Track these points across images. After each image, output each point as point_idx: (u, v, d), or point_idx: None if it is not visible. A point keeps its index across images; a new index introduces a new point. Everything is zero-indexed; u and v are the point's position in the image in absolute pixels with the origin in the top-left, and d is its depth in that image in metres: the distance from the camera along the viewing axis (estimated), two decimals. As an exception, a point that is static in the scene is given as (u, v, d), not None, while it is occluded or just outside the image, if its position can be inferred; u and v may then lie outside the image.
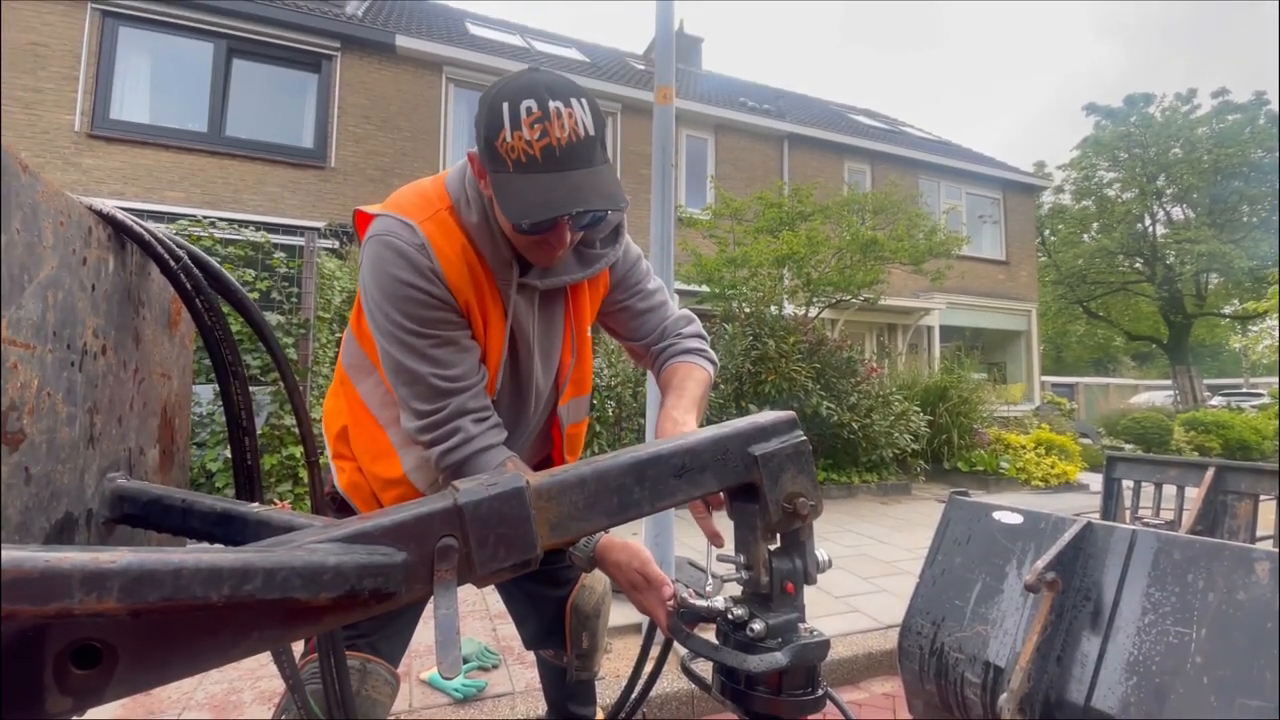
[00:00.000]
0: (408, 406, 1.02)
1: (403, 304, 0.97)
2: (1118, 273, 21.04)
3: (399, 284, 0.97)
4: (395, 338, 0.99)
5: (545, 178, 0.87)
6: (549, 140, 0.86)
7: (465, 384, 1.02)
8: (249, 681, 2.31)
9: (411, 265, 0.97)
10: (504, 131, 0.86)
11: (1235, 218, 18.55)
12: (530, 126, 0.85)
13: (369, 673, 1.07)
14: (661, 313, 1.25)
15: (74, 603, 0.40)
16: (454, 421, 1.00)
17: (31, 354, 0.53)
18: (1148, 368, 32.67)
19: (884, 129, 15.40)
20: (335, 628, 0.82)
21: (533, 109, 0.86)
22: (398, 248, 0.97)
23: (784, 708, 0.76)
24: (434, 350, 0.99)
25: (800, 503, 0.76)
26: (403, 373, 1.00)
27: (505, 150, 0.87)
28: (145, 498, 0.70)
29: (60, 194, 0.58)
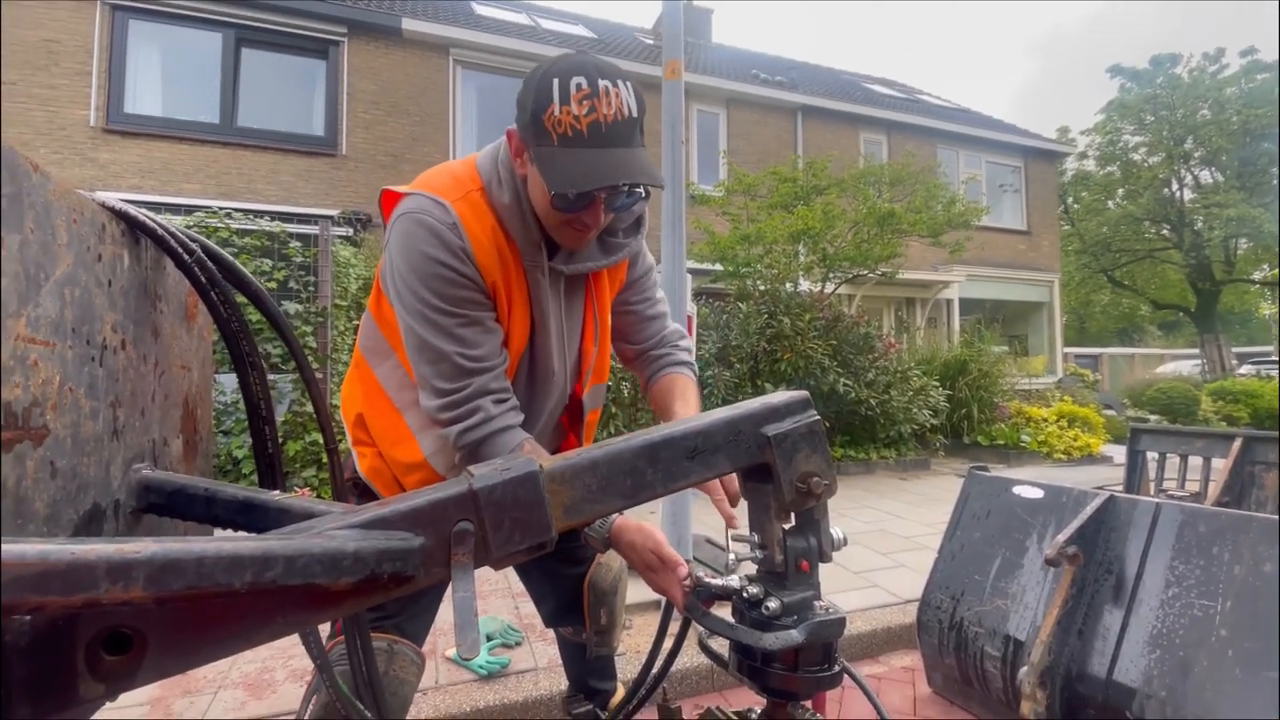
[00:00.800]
0: (429, 385, 1.02)
1: (432, 281, 0.98)
2: (1144, 240, 20.51)
3: (430, 261, 0.97)
4: (422, 315, 0.99)
5: (590, 152, 0.89)
6: (596, 116, 0.88)
7: (488, 365, 1.02)
8: (281, 660, 2.38)
9: (443, 243, 0.98)
10: (553, 106, 0.89)
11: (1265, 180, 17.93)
12: (579, 102, 0.88)
13: (396, 653, 1.10)
14: (663, 322, 1.31)
15: (101, 593, 0.41)
16: (475, 401, 1.01)
17: (51, 351, 0.54)
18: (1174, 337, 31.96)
19: (901, 98, 15.05)
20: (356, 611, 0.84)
21: (582, 85, 0.89)
22: (430, 225, 0.98)
23: (800, 684, 0.76)
24: (460, 329, 1.00)
25: (814, 482, 0.76)
26: (427, 350, 1.01)
27: (552, 124, 0.89)
28: (170, 487, 0.71)
29: (72, 192, 0.58)
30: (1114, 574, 1.75)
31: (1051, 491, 2.07)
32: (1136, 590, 1.70)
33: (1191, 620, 1.57)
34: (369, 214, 8.74)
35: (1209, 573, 1.58)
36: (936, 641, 2.15)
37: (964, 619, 2.07)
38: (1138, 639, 1.64)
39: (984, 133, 14.08)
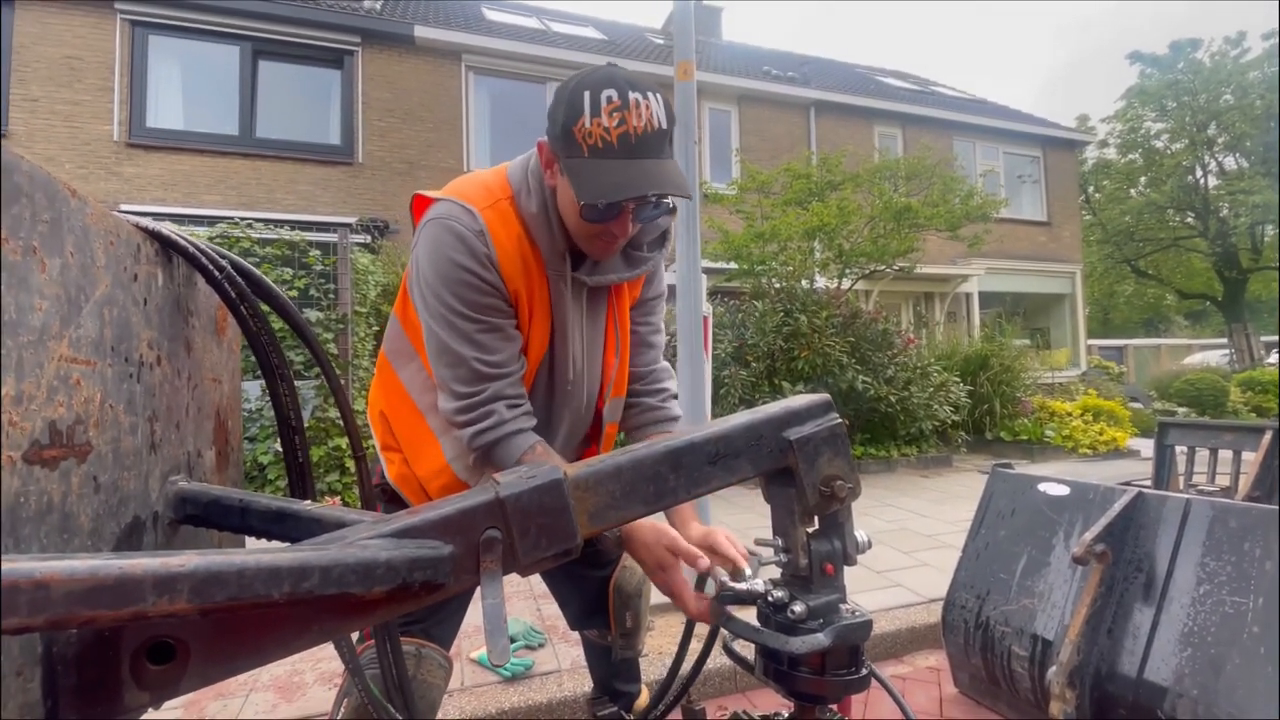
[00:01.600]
0: (447, 388, 1.05)
1: (456, 287, 1.00)
2: (1168, 228, 20.08)
3: (455, 267, 0.99)
4: (444, 319, 1.01)
5: (620, 163, 0.90)
6: (626, 128, 0.90)
7: (505, 371, 1.04)
8: (310, 664, 2.42)
9: (469, 250, 0.99)
10: (583, 118, 0.90)
11: (1293, 165, 17.48)
12: (609, 114, 0.89)
13: (424, 658, 1.11)
14: (658, 352, 1.31)
15: (148, 605, 0.43)
16: (489, 405, 1.03)
17: (93, 369, 0.56)
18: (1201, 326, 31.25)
19: (915, 90, 14.89)
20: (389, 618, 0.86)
21: (613, 98, 0.90)
22: (457, 231, 1.00)
23: (828, 688, 0.76)
24: (480, 335, 1.02)
25: (838, 485, 0.76)
26: (446, 354, 1.03)
27: (583, 136, 0.90)
28: (205, 499, 0.73)
29: (109, 215, 0.60)
30: (1144, 572, 1.72)
31: (1078, 488, 2.04)
32: (1167, 588, 1.67)
33: (1223, 618, 1.54)
34: (386, 221, 8.84)
35: (1240, 569, 1.55)
36: (962, 641, 2.13)
37: (990, 618, 2.05)
38: (1169, 637, 1.61)
39: (1001, 123, 13.89)
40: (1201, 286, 21.27)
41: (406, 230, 9.05)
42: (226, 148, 8.53)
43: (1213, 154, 19.29)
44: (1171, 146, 19.68)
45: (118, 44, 8.15)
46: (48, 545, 0.53)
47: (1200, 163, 19.35)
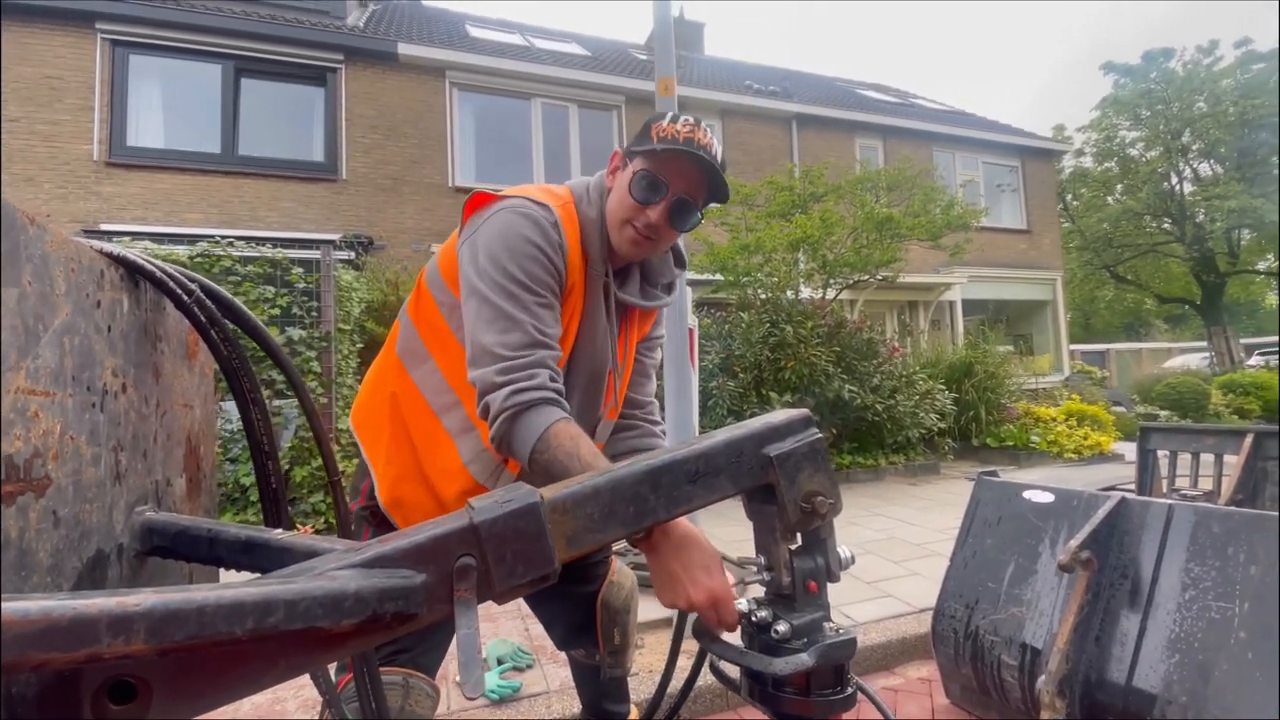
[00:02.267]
0: (490, 353, 1.00)
1: (525, 261, 1.04)
2: (1145, 234, 20.43)
3: (528, 244, 1.05)
4: (505, 290, 1.02)
5: (684, 154, 1.07)
6: (692, 135, 1.08)
7: (553, 344, 1.05)
8: (292, 691, 2.37)
9: (544, 233, 1.07)
10: (662, 120, 1.09)
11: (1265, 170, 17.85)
12: (683, 124, 1.09)
13: (412, 687, 1.09)
14: (651, 386, 1.39)
15: (103, 647, 0.41)
16: (536, 368, 1.00)
17: (51, 400, 0.55)
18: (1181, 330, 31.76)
19: (895, 103, 15.12)
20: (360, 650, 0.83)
21: (689, 120, 1.10)
22: (534, 217, 1.07)
23: (814, 708, 0.75)
24: (538, 308, 1.04)
25: (819, 501, 0.76)
26: (501, 320, 1.01)
27: (657, 131, 1.08)
28: (173, 529, 0.71)
29: (69, 241, 0.59)
30: (1129, 578, 1.73)
31: (1062, 495, 2.05)
32: (1153, 594, 1.67)
33: (1209, 623, 1.54)
34: (371, 237, 8.80)
35: (1225, 574, 1.56)
36: (952, 651, 2.13)
37: (979, 628, 2.05)
38: (1156, 644, 1.61)
39: (979, 134, 14.13)
40: (1180, 291, 21.64)
41: (392, 246, 9.02)
42: (208, 166, 8.47)
43: (1187, 161, 19.69)
44: (1147, 154, 20.08)
45: (98, 63, 8.10)
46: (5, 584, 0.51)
47: (1175, 169, 19.74)
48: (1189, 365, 16.49)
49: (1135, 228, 20.14)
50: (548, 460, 0.92)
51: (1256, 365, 17.04)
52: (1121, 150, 20.63)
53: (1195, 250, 18.95)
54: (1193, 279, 20.26)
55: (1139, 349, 20.88)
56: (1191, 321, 27.58)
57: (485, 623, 2.90)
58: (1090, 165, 21.84)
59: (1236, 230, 18.67)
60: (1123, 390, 13.39)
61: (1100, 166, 21.41)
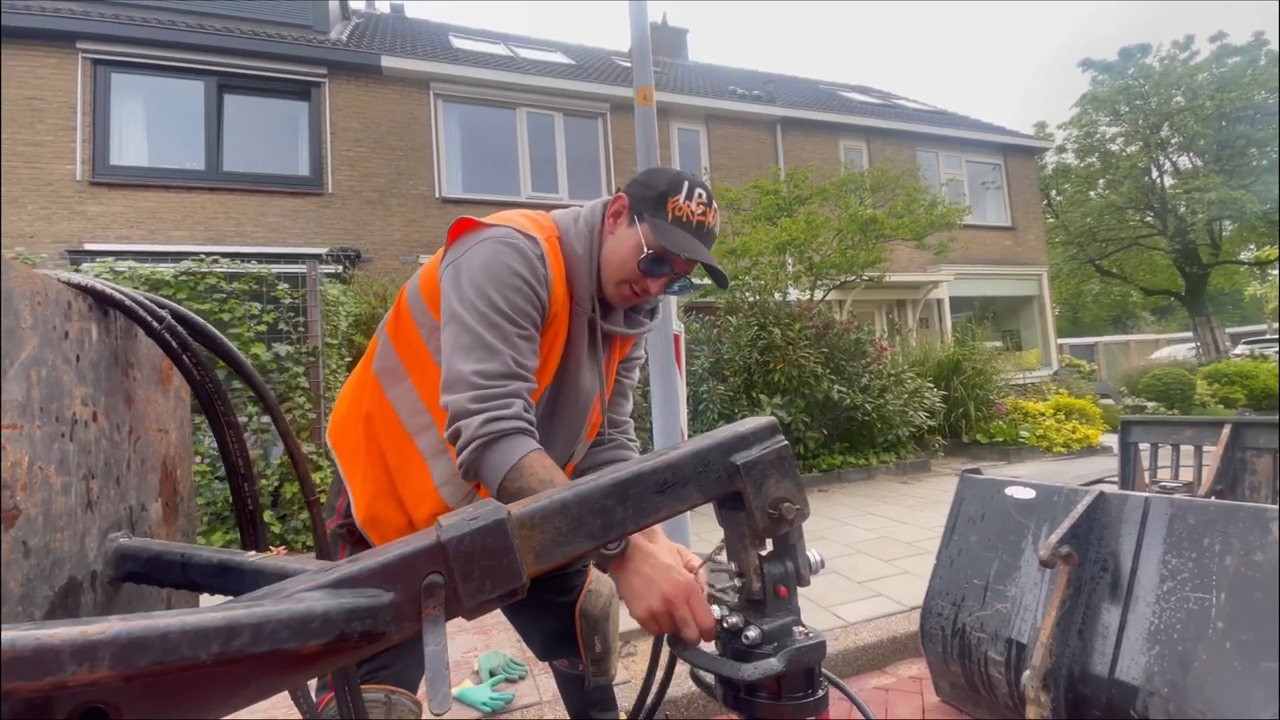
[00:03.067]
0: (466, 381, 0.99)
1: (509, 291, 1.05)
2: (1128, 228, 20.67)
3: (514, 274, 1.06)
4: (486, 317, 1.02)
5: (691, 238, 1.14)
6: (704, 218, 1.15)
7: (528, 378, 1.05)
8: (284, 710, 2.35)
9: (529, 265, 1.08)
10: (679, 195, 1.13)
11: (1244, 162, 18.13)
12: (699, 204, 1.14)
13: (394, 704, 1.09)
14: (627, 406, 1.43)
15: (68, 675, 0.42)
16: (510, 397, 1.00)
17: (19, 433, 0.56)
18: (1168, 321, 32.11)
19: (878, 104, 15.25)
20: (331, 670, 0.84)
21: (703, 195, 1.16)
22: (520, 248, 1.08)
23: (786, 711, 0.76)
24: (518, 339, 1.05)
25: (786, 507, 0.77)
26: (480, 348, 1.01)
27: (674, 207, 1.13)
28: (146, 554, 0.72)
29: (35, 275, 0.60)
30: (1109, 571, 1.76)
31: (1043, 491, 2.07)
32: (1132, 587, 1.70)
33: (1188, 614, 1.57)
34: (358, 250, 8.79)
35: (1201, 565, 1.59)
36: (941, 649, 2.15)
37: (966, 625, 2.07)
38: (1137, 636, 1.64)
39: (962, 133, 14.28)
40: (1164, 283, 21.88)
41: (379, 258, 9.01)
42: (193, 182, 8.45)
43: (1167, 155, 19.95)
44: (1127, 149, 20.33)
45: (80, 83, 8.06)
46: (-28, 616, 0.52)
47: (1155, 163, 20.00)
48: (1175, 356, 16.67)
49: (1118, 221, 20.38)
50: (519, 489, 0.92)
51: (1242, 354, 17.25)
52: (1102, 145, 20.88)
53: (1178, 242, 19.19)
54: (1177, 271, 20.50)
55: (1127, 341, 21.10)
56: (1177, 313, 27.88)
57: (477, 635, 2.89)
58: (1072, 161, 22.09)
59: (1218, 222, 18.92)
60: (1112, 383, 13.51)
61: (1082, 162, 21.66)
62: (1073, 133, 21.45)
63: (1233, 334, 22.04)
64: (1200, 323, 18.98)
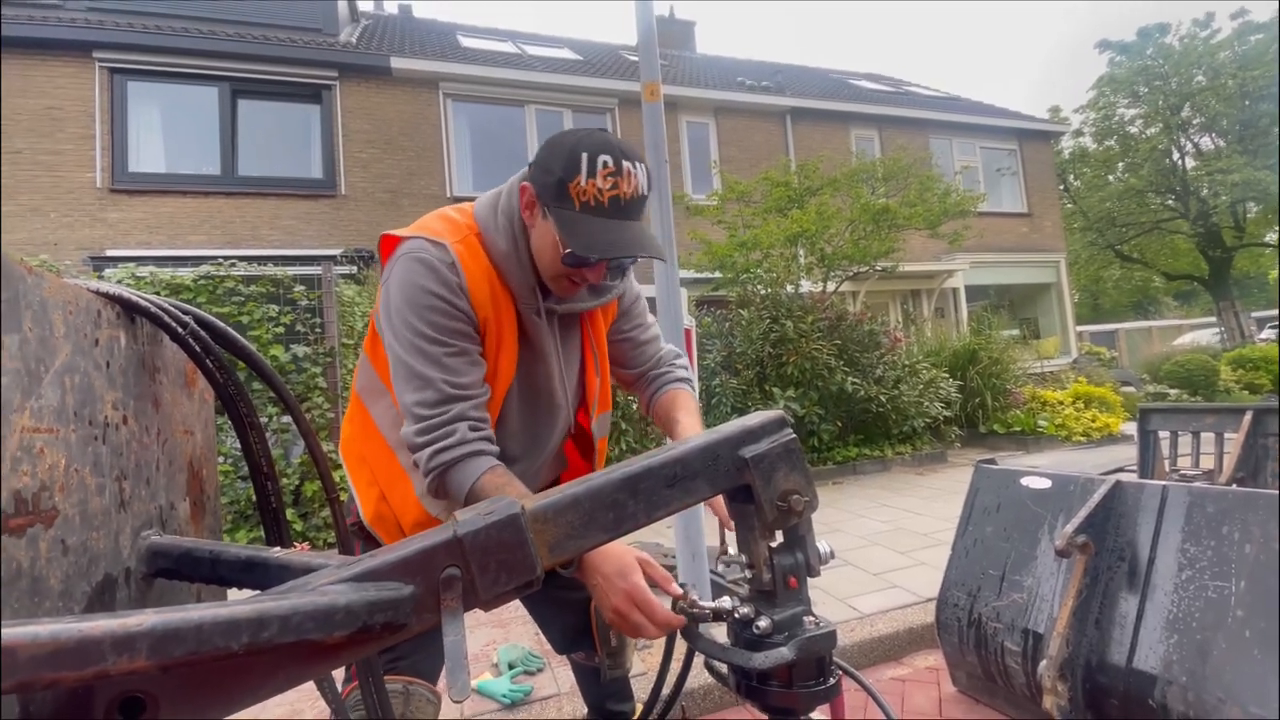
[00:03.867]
0: (411, 412, 1.04)
1: (426, 312, 1.03)
2: (1149, 212, 20.28)
3: (426, 293, 1.03)
4: (413, 345, 1.03)
5: (609, 222, 1.00)
6: (617, 192, 0.99)
7: (470, 393, 1.05)
8: (310, 701, 2.41)
9: (440, 278, 1.04)
10: (579, 176, 0.98)
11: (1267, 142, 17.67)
12: (605, 178, 0.98)
13: (412, 694, 1.12)
14: (657, 345, 1.37)
15: (109, 665, 0.44)
16: (452, 425, 1.03)
17: (55, 436, 0.58)
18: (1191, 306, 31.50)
19: (889, 92, 15.09)
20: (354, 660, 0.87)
21: (608, 164, 0.99)
22: (428, 263, 1.04)
23: (798, 700, 0.78)
24: (448, 359, 1.04)
25: (795, 499, 0.78)
26: (414, 379, 1.04)
27: (577, 192, 0.99)
28: (177, 551, 0.75)
29: (66, 285, 0.63)
30: (1126, 560, 1.75)
31: (1059, 481, 2.06)
32: (1150, 575, 1.69)
33: (1206, 603, 1.56)
34: (371, 250, 8.87)
35: (1220, 553, 1.58)
36: (957, 640, 2.15)
37: (982, 615, 2.06)
38: (1154, 625, 1.63)
39: (975, 119, 14.09)
40: (1187, 267, 21.46)
41: (393, 259, 9.08)
42: (209, 188, 8.58)
43: (1188, 135, 19.53)
44: (1146, 131, 19.91)
45: (97, 92, 8.21)
46: (19, 610, 0.55)
47: (1176, 145, 19.59)
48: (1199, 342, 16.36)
49: (1138, 205, 19.99)
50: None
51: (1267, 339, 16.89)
52: (1121, 128, 20.48)
53: (1200, 225, 18.80)
54: (1199, 254, 20.09)
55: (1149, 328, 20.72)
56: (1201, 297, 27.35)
57: (496, 629, 2.93)
58: (1090, 145, 21.69)
59: (1241, 203, 18.50)
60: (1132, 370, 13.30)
61: (1100, 145, 21.26)
62: (1090, 116, 21.06)
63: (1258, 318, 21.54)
64: (1224, 307, 18.60)
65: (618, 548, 0.96)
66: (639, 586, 0.90)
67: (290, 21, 9.89)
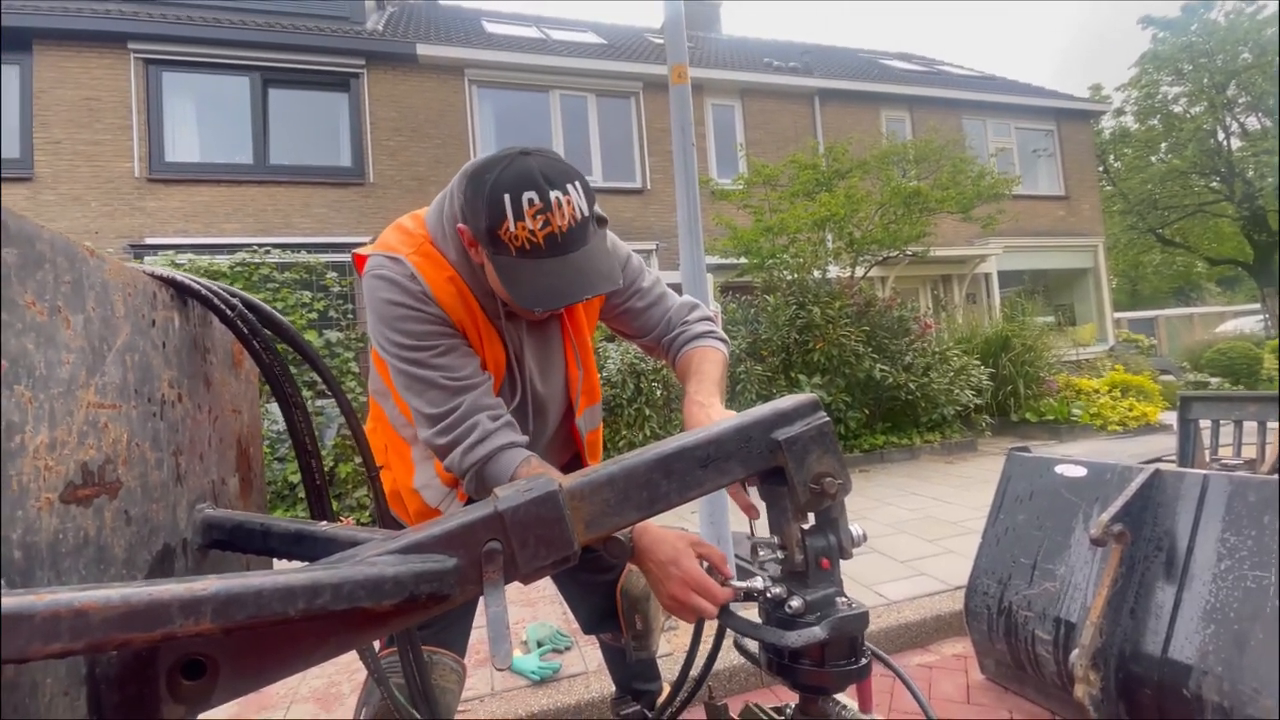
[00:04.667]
0: (422, 415, 1.04)
1: (400, 323, 1.03)
2: (1192, 194, 19.54)
3: (393, 306, 1.03)
4: (400, 356, 1.04)
5: (549, 263, 0.94)
6: (551, 229, 0.92)
7: (475, 382, 1.04)
8: (346, 675, 2.49)
9: (403, 289, 1.03)
10: (506, 222, 0.92)
11: (1318, 121, 16.91)
12: (533, 218, 0.91)
13: (436, 663, 1.16)
14: (663, 305, 1.27)
15: (176, 627, 0.47)
16: (471, 418, 1.02)
17: (119, 412, 0.61)
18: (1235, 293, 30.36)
19: (921, 71, 14.71)
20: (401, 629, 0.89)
21: (534, 201, 0.91)
22: (389, 278, 1.04)
23: (829, 679, 0.79)
24: (437, 359, 1.03)
25: (828, 482, 0.78)
26: (414, 384, 1.04)
27: (509, 239, 0.93)
28: (230, 524, 0.78)
29: (125, 268, 0.65)
30: (1164, 550, 1.71)
31: (1095, 469, 2.02)
32: (1188, 565, 1.65)
33: (1245, 593, 1.52)
34: (399, 237, 8.98)
35: (1261, 543, 1.54)
36: (986, 627, 2.13)
37: (1012, 604, 2.04)
38: (1191, 615, 1.60)
39: (1011, 98, 13.66)
40: (1231, 251, 20.67)
41: (420, 246, 9.18)
42: (242, 177, 8.74)
43: (1234, 115, 18.73)
44: (1191, 110, 19.15)
45: (133, 83, 8.39)
46: (86, 576, 0.58)
47: (1222, 125, 18.81)
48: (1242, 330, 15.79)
49: (1181, 188, 19.28)
50: None
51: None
52: (1164, 107, 19.71)
53: (1246, 208, 18.07)
54: (1244, 238, 19.33)
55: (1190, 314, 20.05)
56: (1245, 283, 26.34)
57: (524, 608, 2.99)
58: (1132, 125, 20.92)
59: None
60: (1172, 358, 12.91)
61: (1142, 125, 20.50)
62: (1132, 94, 20.31)
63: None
64: (1269, 294, 17.90)
65: (669, 534, 0.97)
66: (693, 570, 0.91)
67: (318, 10, 9.98)
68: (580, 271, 0.95)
